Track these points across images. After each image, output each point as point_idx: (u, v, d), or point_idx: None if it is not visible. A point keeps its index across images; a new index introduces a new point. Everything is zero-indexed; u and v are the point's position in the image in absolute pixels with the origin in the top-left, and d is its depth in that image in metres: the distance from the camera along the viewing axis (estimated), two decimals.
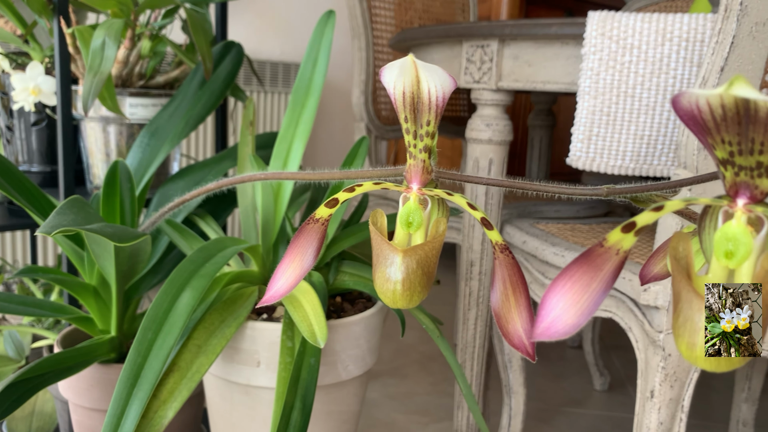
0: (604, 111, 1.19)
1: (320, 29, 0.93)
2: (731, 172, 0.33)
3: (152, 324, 0.72)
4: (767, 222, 0.33)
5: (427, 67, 0.45)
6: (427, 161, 0.49)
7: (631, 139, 1.18)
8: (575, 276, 0.38)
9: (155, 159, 1.01)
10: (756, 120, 0.30)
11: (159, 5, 1.02)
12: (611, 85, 1.18)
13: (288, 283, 0.52)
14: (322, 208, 0.51)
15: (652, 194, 0.49)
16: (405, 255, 0.47)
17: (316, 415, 0.88)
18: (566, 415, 1.71)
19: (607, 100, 1.19)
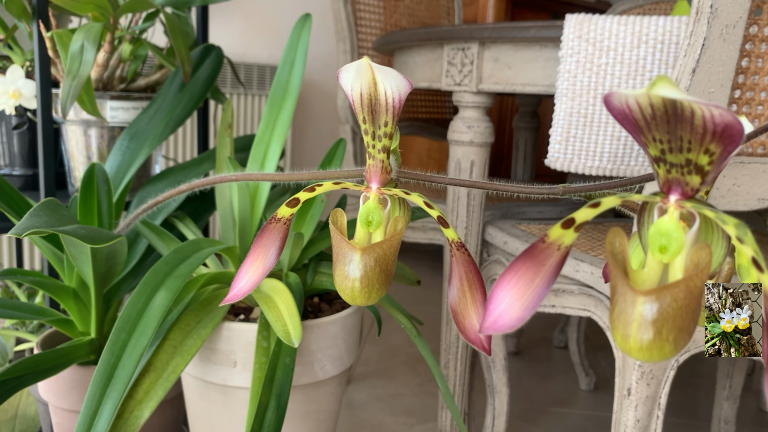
0: (581, 113, 1.20)
1: (297, 32, 0.94)
2: (664, 169, 0.34)
3: (126, 325, 0.73)
4: (698, 217, 0.34)
5: (382, 70, 0.46)
6: (386, 161, 0.50)
7: (608, 141, 1.19)
8: (520, 271, 0.39)
9: (134, 162, 1.01)
10: (683, 119, 0.32)
11: (138, 9, 1.03)
12: (588, 87, 1.19)
13: (251, 281, 0.53)
14: (283, 207, 0.52)
15: (606, 192, 0.50)
16: (363, 253, 0.48)
17: (293, 415, 0.89)
18: (552, 415, 1.72)
19: (584, 101, 1.20)
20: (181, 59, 0.99)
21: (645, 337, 0.32)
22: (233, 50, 2.24)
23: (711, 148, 0.32)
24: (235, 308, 0.93)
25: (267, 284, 0.86)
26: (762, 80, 0.99)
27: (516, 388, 1.84)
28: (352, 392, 1.79)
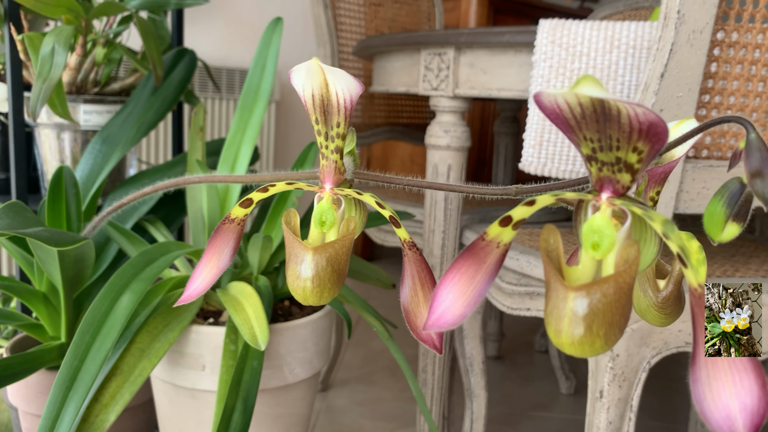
0: None
1: (268, 36, 0.94)
2: (596, 167, 0.35)
3: (90, 327, 0.73)
4: (630, 214, 0.35)
5: (333, 71, 0.46)
6: (339, 162, 0.51)
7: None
8: (462, 269, 0.40)
9: (106, 165, 1.01)
10: (610, 117, 0.32)
11: (110, 12, 1.03)
12: None
13: (205, 282, 0.53)
14: (236, 208, 0.52)
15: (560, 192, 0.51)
16: (315, 253, 0.48)
17: (262, 419, 0.89)
18: (532, 419, 1.72)
19: None
20: (152, 62, 0.99)
21: (576, 332, 0.33)
22: (215, 55, 2.24)
23: (639, 146, 0.32)
24: (204, 312, 0.93)
25: (235, 287, 0.86)
26: (730, 85, 1.00)
27: (497, 392, 1.84)
28: (332, 398, 1.78)
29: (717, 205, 0.36)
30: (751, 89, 1.01)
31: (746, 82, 1.00)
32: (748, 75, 1.00)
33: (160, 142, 2.01)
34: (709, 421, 0.30)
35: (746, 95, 1.01)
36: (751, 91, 1.01)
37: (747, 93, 1.01)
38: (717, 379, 0.30)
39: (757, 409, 0.30)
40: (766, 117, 1.03)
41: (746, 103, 1.01)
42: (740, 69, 1.00)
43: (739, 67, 1.00)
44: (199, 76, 2.18)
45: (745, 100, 1.01)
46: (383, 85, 1.56)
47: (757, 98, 1.02)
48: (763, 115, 1.03)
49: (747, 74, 1.00)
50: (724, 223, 0.36)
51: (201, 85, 2.15)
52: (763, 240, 1.50)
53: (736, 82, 1.01)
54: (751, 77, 1.00)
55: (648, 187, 0.52)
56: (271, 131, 2.35)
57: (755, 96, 1.01)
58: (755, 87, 1.01)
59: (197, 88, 2.15)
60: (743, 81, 1.00)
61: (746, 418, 0.30)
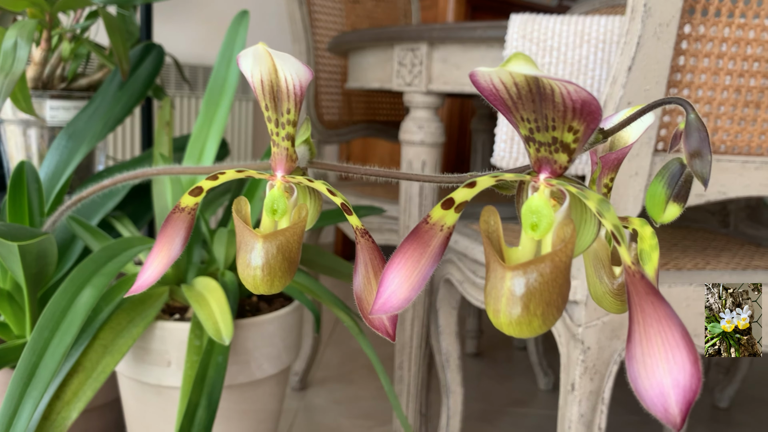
0: None
1: (234, 29, 0.93)
2: (534, 148, 0.35)
3: (49, 323, 0.72)
4: (568, 195, 0.35)
5: (281, 56, 0.45)
6: (291, 149, 0.50)
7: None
8: (408, 253, 0.39)
9: (72, 161, 1.00)
10: (545, 96, 0.32)
11: (75, 6, 1.01)
12: None
13: (156, 272, 0.52)
14: (186, 197, 0.51)
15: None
16: (265, 240, 0.47)
17: (230, 415, 0.88)
18: (510, 416, 1.73)
19: None
20: (118, 57, 0.98)
21: (514, 312, 0.33)
22: (192, 52, 2.22)
23: (574, 125, 0.32)
24: (170, 307, 0.92)
25: (201, 283, 0.85)
26: (698, 78, 1.01)
27: (475, 389, 1.84)
28: (311, 397, 1.77)
29: (658, 186, 0.36)
30: (718, 83, 1.02)
31: (713, 75, 1.01)
32: (715, 68, 1.01)
33: (128, 138, 1.99)
34: (643, 398, 0.30)
35: (714, 88, 1.02)
36: (719, 84, 1.02)
37: (715, 86, 1.02)
38: (651, 356, 0.30)
39: (690, 385, 0.29)
40: (734, 110, 1.04)
41: (714, 96, 1.02)
42: (708, 62, 1.01)
43: (707, 61, 1.00)
44: (176, 74, 2.16)
45: (713, 93, 1.02)
46: (358, 81, 1.56)
47: (725, 91, 1.02)
48: (731, 108, 1.04)
49: (714, 67, 1.01)
50: (665, 204, 0.36)
51: (177, 84, 2.13)
52: (737, 234, 1.52)
53: (704, 76, 1.01)
54: (719, 70, 1.01)
55: (602, 174, 0.52)
56: (248, 129, 2.34)
57: (722, 89, 1.02)
58: (722, 80, 1.02)
59: (173, 86, 2.13)
60: (710, 74, 1.01)
61: (679, 394, 0.29)
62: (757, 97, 1.03)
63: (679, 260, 1.15)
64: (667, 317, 0.30)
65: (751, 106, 1.04)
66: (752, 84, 1.02)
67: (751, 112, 1.05)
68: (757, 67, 1.02)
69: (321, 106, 1.80)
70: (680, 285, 1.02)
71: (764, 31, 1.00)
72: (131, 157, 2.04)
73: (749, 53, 1.00)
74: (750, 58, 1.00)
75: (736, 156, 1.05)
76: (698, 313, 1.05)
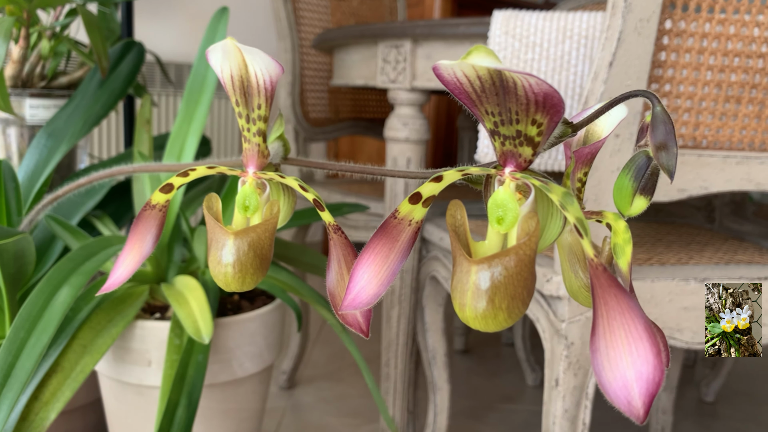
0: None
1: (213, 26, 0.92)
2: (499, 142, 0.34)
3: (25, 323, 0.71)
4: (533, 188, 0.35)
5: (251, 51, 0.45)
6: (263, 145, 0.50)
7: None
8: (377, 248, 0.39)
9: (52, 159, 0.99)
10: (508, 89, 0.32)
11: (53, 4, 1.00)
12: None
13: (127, 270, 0.51)
14: (157, 194, 0.51)
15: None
16: (236, 237, 0.47)
17: (212, 414, 0.88)
18: (498, 412, 1.73)
19: None
20: (97, 54, 0.97)
21: (479, 306, 0.32)
22: (177, 50, 2.21)
23: (537, 118, 0.32)
24: (151, 306, 0.91)
25: (181, 282, 0.84)
26: (679, 73, 1.01)
27: (463, 385, 1.84)
28: (298, 395, 1.77)
29: (625, 179, 0.36)
30: (699, 78, 1.02)
31: (694, 70, 1.01)
32: (696, 63, 1.01)
33: (112, 136, 1.98)
34: (606, 390, 0.30)
35: (695, 83, 1.02)
36: (700, 79, 1.02)
37: (696, 81, 1.02)
38: (614, 348, 0.30)
39: (652, 377, 0.29)
40: (715, 105, 1.04)
41: (695, 91, 1.02)
42: (689, 58, 1.01)
43: (688, 56, 1.01)
44: (161, 72, 2.15)
45: (694, 89, 1.02)
46: (343, 79, 1.55)
47: (706, 86, 1.02)
48: (712, 103, 1.04)
49: (695, 63, 1.01)
50: (632, 197, 0.36)
51: (162, 82, 2.12)
52: (722, 230, 1.53)
53: (685, 71, 1.01)
54: (700, 66, 1.01)
55: (576, 169, 0.52)
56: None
57: (704, 84, 1.02)
58: (704, 75, 1.02)
59: (158, 84, 2.12)
60: (692, 70, 1.01)
61: (642, 386, 0.29)
62: (737, 92, 1.03)
63: (663, 255, 1.15)
64: (629, 310, 0.30)
65: (732, 101, 1.05)
66: (733, 79, 1.02)
67: (732, 107, 1.05)
68: (738, 62, 1.02)
69: (307, 103, 1.79)
70: (663, 280, 1.02)
71: (744, 26, 1.00)
72: (114, 154, 2.02)
73: (730, 48, 1.00)
74: (731, 53, 1.00)
75: (717, 151, 1.05)
76: (681, 307, 1.05)
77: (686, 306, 1.03)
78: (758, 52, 1.02)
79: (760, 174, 1.06)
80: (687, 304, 1.03)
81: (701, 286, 1.04)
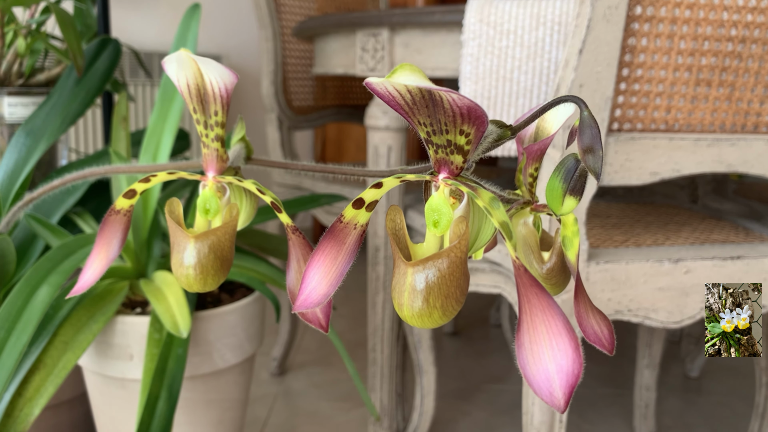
0: (485, 95, 1.22)
1: (186, 22, 0.93)
2: (432, 150, 0.36)
3: (5, 323, 0.73)
4: (466, 194, 0.36)
5: (205, 62, 0.46)
6: (221, 149, 0.51)
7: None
8: (326, 251, 0.41)
9: (31, 158, 1.00)
10: (436, 103, 0.33)
11: (27, 2, 1.01)
12: (491, 69, 1.21)
13: (96, 272, 0.53)
14: (120, 199, 0.52)
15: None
16: (197, 240, 0.48)
17: (195, 405, 0.90)
18: (486, 392, 1.76)
19: (487, 84, 1.22)
20: (72, 52, 0.98)
21: (415, 305, 0.34)
22: (159, 41, 2.21)
23: (465, 129, 0.34)
24: (132, 302, 0.93)
25: (160, 277, 0.86)
26: (650, 58, 1.02)
27: (452, 367, 1.87)
28: (289, 381, 1.80)
29: (555, 181, 0.38)
30: (670, 62, 1.03)
31: (665, 55, 1.02)
32: (667, 48, 1.02)
33: (92, 131, 1.98)
34: (531, 383, 0.32)
35: (666, 68, 1.03)
36: (670, 64, 1.03)
37: (667, 66, 1.03)
38: (537, 343, 0.32)
39: (572, 369, 0.31)
40: (686, 89, 1.06)
41: (666, 75, 1.03)
42: (659, 42, 1.02)
43: (658, 41, 1.02)
44: (140, 66, 2.15)
45: (665, 73, 1.03)
46: (323, 67, 1.56)
47: (677, 71, 1.04)
48: (683, 86, 1.05)
49: (666, 47, 1.02)
50: (562, 198, 0.38)
51: (146, 75, 2.12)
52: (703, 209, 1.54)
53: (656, 56, 1.03)
54: (670, 50, 1.02)
55: (527, 165, 0.54)
56: None
57: (674, 69, 1.04)
58: (674, 60, 1.03)
59: (142, 75, 2.12)
60: (662, 54, 1.02)
61: (562, 378, 0.31)
62: (708, 75, 1.05)
63: (640, 236, 1.17)
64: (549, 307, 0.32)
65: (703, 85, 1.06)
66: (704, 63, 1.04)
67: (702, 90, 1.07)
68: (708, 45, 1.03)
69: (290, 92, 1.80)
70: (638, 261, 1.04)
71: (713, 10, 1.01)
72: (96, 149, 2.03)
73: (700, 33, 1.01)
74: (700, 37, 1.01)
75: (689, 134, 1.06)
76: (655, 288, 1.07)
77: (661, 287, 1.05)
78: (728, 36, 1.03)
79: (731, 155, 1.08)
80: (661, 285, 1.05)
81: (675, 266, 1.06)
